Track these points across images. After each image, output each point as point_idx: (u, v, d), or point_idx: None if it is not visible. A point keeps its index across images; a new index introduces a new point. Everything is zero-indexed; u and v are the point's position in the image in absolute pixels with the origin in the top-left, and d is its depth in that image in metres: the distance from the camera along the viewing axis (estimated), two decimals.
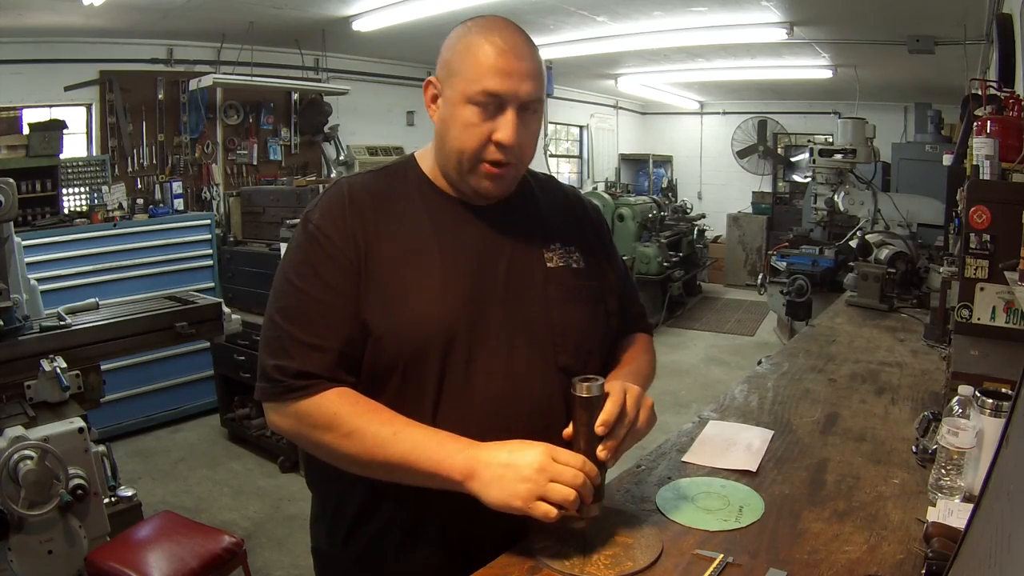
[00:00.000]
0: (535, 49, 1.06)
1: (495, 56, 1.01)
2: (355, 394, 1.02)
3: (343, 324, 1.02)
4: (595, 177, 9.40)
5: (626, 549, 1.01)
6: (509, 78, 1.01)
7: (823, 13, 4.42)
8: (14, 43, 4.15)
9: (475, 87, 1.01)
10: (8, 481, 1.67)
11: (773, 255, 4.77)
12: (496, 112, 1.02)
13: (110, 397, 3.25)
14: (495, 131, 1.02)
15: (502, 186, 1.08)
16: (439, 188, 1.12)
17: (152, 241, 4.46)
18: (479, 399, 1.04)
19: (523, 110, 1.03)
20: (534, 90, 1.03)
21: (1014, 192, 1.64)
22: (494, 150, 1.03)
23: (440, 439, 0.97)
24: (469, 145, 1.03)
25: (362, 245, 1.04)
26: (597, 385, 0.98)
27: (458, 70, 1.03)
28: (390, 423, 0.98)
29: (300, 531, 3.14)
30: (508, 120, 1.02)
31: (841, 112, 6.67)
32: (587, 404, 0.98)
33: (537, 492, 0.91)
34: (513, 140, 1.02)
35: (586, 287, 1.16)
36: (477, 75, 1.01)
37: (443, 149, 1.08)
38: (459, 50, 1.04)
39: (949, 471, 1.17)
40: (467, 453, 0.95)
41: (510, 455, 0.94)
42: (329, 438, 1.00)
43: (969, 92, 2.75)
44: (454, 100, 1.03)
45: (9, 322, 2.28)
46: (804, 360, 2.14)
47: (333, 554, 1.17)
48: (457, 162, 1.06)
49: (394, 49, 5.68)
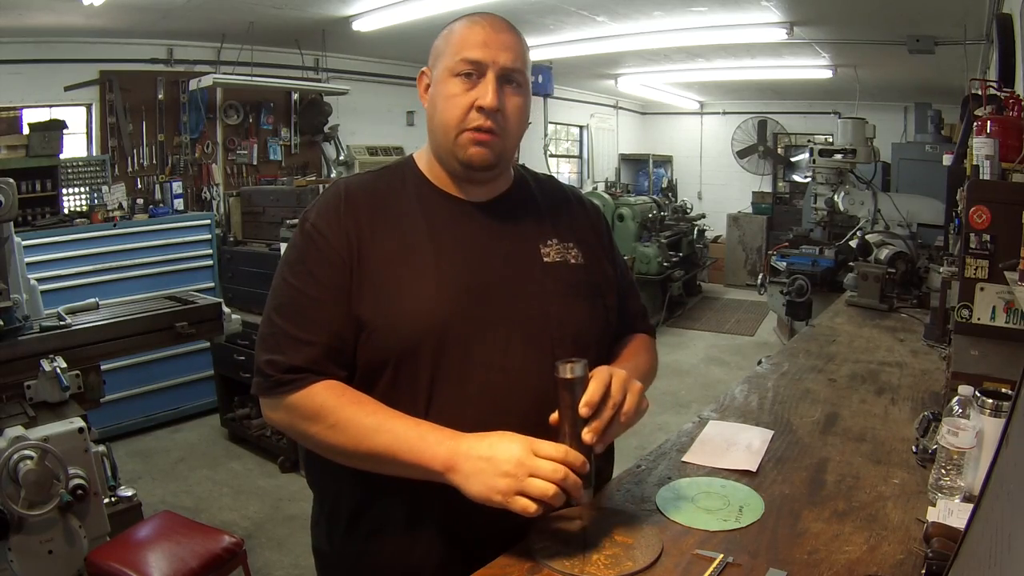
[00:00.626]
0: (518, 33, 1.11)
1: (475, 30, 1.07)
2: (342, 386, 1.03)
3: (333, 319, 1.04)
4: (595, 177, 9.40)
5: (626, 549, 1.01)
6: (487, 47, 1.06)
7: (823, 13, 4.42)
8: (14, 43, 4.15)
9: (455, 58, 1.06)
10: (8, 481, 1.67)
11: (773, 255, 4.77)
12: (478, 80, 1.06)
13: (110, 397, 3.24)
14: (478, 99, 1.06)
15: (488, 154, 1.09)
16: (435, 186, 1.14)
17: (152, 241, 4.46)
18: (474, 393, 1.05)
19: (506, 82, 1.07)
20: (513, 60, 1.07)
21: (1014, 192, 1.64)
22: (477, 115, 1.06)
23: (422, 430, 0.98)
24: (453, 114, 1.07)
25: (355, 243, 1.06)
26: (580, 366, 0.97)
27: (442, 51, 1.10)
28: (374, 414, 0.99)
29: (300, 531, 3.13)
30: (488, 85, 1.05)
31: (841, 112, 6.66)
32: (569, 385, 0.96)
33: (516, 487, 0.90)
34: (494, 103, 1.05)
35: (584, 282, 1.16)
36: (458, 48, 1.07)
37: (433, 129, 1.12)
38: (444, 35, 1.11)
39: (949, 471, 1.17)
40: (448, 445, 0.95)
41: (490, 448, 0.93)
42: (316, 429, 1.01)
43: (969, 92, 2.75)
44: (440, 79, 1.09)
45: (9, 322, 2.28)
46: (804, 360, 2.14)
47: (332, 552, 1.18)
48: (443, 135, 1.09)
49: (394, 49, 5.68)
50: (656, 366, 1.30)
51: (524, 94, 1.11)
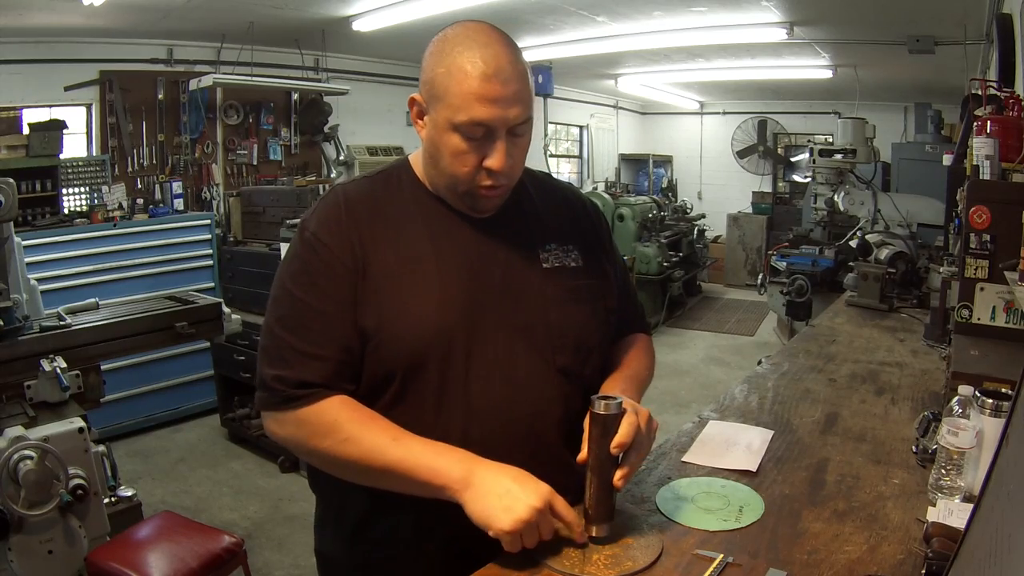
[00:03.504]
0: (521, 63, 1.01)
1: (480, 83, 0.96)
2: (354, 402, 1.02)
3: (341, 333, 1.02)
4: (595, 177, 9.40)
5: (626, 549, 1.01)
6: (495, 105, 0.97)
7: (823, 13, 4.42)
8: (14, 43, 4.15)
9: (461, 116, 0.98)
10: (8, 481, 1.67)
11: (773, 255, 4.77)
12: (485, 139, 1.00)
13: (110, 397, 3.24)
14: (486, 158, 1.01)
15: (497, 203, 1.09)
16: (433, 193, 1.12)
17: (152, 241, 4.46)
18: (479, 402, 1.04)
19: (512, 133, 1.02)
20: (522, 112, 1.01)
21: (1014, 192, 1.64)
22: (486, 176, 1.03)
23: (438, 448, 0.99)
24: (461, 172, 1.02)
25: (360, 254, 1.04)
26: (616, 404, 1.00)
27: (441, 95, 0.99)
28: (388, 430, 0.99)
29: (300, 531, 3.13)
30: (498, 148, 1.00)
31: (841, 112, 6.67)
32: (604, 421, 0.99)
33: (520, 530, 0.93)
34: (504, 167, 1.01)
35: (584, 286, 1.16)
36: (462, 103, 0.97)
37: (435, 169, 1.07)
38: (440, 74, 0.99)
39: (949, 471, 1.17)
40: (465, 465, 0.97)
41: (513, 483, 0.95)
42: (327, 444, 1.00)
43: (969, 92, 2.76)
44: (441, 126, 1.01)
45: (9, 322, 2.28)
46: (804, 360, 2.14)
47: (337, 557, 1.18)
48: (448, 182, 1.06)
49: (394, 49, 5.68)
50: (654, 367, 1.31)
51: (529, 130, 1.05)
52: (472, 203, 1.07)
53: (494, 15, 4.08)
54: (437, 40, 1.03)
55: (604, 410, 0.99)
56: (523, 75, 1.01)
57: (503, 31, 1.04)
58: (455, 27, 1.03)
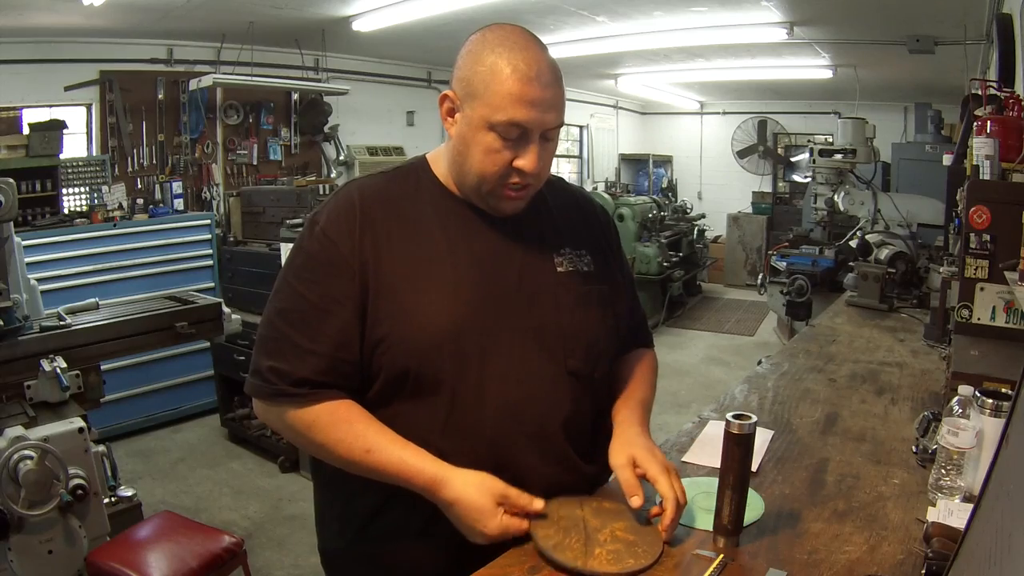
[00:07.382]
0: (557, 70, 1.04)
1: (520, 85, 0.98)
2: (339, 409, 1.03)
3: (338, 331, 1.02)
4: (595, 177, 9.40)
5: (628, 546, 1.01)
6: (535, 108, 0.99)
7: (823, 13, 4.42)
8: (14, 43, 4.14)
9: (500, 116, 0.99)
10: (8, 481, 1.67)
11: (773, 255, 4.76)
12: (519, 140, 1.01)
13: (110, 397, 3.24)
14: (517, 158, 1.02)
15: (521, 204, 1.10)
16: (451, 193, 1.12)
17: (152, 241, 4.46)
18: (491, 404, 1.05)
19: (544, 137, 1.03)
20: (557, 117, 1.03)
21: (1014, 192, 1.64)
22: (515, 176, 1.04)
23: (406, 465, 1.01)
24: (491, 170, 1.03)
25: (370, 254, 1.04)
26: (749, 424, 1.02)
27: (480, 93, 1.00)
28: (361, 439, 1.01)
29: (300, 531, 3.14)
30: (532, 150, 1.02)
31: (841, 112, 6.67)
32: (745, 442, 1.03)
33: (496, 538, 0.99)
34: (535, 168, 1.03)
35: (596, 291, 1.16)
36: (502, 103, 0.98)
37: (462, 167, 1.07)
38: (480, 72, 1.00)
39: (949, 471, 1.17)
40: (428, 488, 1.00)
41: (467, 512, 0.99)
42: (303, 443, 1.06)
43: (969, 92, 2.76)
44: (475, 123, 1.01)
45: (9, 322, 2.28)
46: (804, 360, 2.14)
47: (343, 552, 1.17)
48: (477, 184, 1.06)
49: (394, 49, 5.68)
50: (656, 383, 1.31)
51: (557, 135, 1.07)
52: (495, 203, 1.08)
53: (494, 15, 4.08)
54: (475, 39, 1.04)
55: (739, 430, 1.02)
56: (560, 81, 1.04)
57: (537, 36, 1.05)
58: (492, 28, 1.05)
